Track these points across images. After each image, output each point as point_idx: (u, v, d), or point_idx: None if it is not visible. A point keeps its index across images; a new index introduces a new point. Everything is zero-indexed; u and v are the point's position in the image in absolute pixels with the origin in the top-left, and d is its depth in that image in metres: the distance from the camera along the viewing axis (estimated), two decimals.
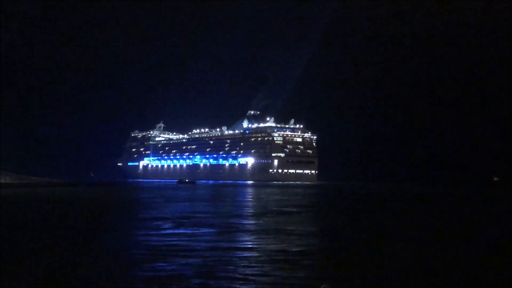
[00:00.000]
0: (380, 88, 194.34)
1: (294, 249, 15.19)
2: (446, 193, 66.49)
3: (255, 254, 14.34)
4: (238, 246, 16.22)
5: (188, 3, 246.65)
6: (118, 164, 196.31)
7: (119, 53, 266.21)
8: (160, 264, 13.09)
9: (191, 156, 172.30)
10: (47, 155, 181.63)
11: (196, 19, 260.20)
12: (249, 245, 16.42)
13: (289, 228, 21.39)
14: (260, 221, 24.22)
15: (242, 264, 13.02)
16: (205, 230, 19.93)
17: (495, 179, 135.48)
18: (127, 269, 12.43)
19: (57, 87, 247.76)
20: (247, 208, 34.54)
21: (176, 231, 20.10)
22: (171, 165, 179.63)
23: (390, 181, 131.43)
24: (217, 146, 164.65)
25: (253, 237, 18.20)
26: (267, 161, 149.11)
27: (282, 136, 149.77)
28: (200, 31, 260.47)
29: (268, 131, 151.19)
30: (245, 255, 14.33)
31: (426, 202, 44.89)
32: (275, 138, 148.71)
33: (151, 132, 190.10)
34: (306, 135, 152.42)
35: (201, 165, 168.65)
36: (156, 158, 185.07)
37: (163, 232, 19.70)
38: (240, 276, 11.59)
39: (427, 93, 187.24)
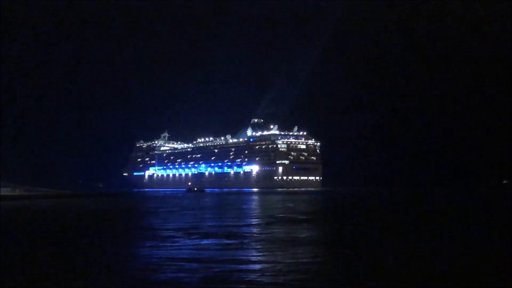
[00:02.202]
0: (385, 94, 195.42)
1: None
2: (454, 196, 67.40)
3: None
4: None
5: (194, 11, 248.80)
6: (124, 174, 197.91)
7: (124, 64, 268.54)
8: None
9: (196, 165, 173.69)
10: (52, 167, 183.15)
11: (200, 29, 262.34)
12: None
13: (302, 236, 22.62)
14: (275, 230, 25.47)
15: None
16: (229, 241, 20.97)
17: (505, 181, 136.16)
18: None
19: (61, 99, 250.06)
20: (259, 216, 35.81)
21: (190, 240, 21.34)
22: (177, 174, 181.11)
23: (396, 186, 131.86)
24: (222, 155, 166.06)
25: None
26: (272, 169, 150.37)
27: (286, 143, 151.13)
28: (204, 41, 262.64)
29: (272, 138, 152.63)
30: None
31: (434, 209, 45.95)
32: (279, 146, 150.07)
33: (156, 142, 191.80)
34: (309, 142, 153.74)
35: (206, 173, 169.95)
36: (162, 167, 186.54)
37: (183, 243, 20.93)
38: None
39: (434, 97, 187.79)
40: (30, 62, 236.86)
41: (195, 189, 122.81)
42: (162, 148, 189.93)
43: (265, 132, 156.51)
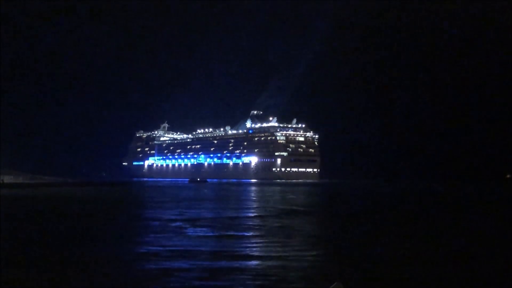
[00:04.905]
0: (383, 86, 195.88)
1: None
2: (451, 190, 68.67)
3: None
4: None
5: (193, 4, 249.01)
6: (124, 163, 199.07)
7: (124, 54, 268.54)
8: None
9: (195, 156, 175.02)
10: (54, 156, 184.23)
11: (199, 20, 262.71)
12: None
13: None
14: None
15: None
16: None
17: (508, 176, 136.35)
18: None
19: (62, 89, 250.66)
20: (265, 208, 37.31)
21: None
22: (176, 165, 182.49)
23: (394, 180, 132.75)
24: (221, 146, 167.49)
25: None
26: (270, 160, 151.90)
27: (285, 135, 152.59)
28: (204, 32, 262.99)
29: (271, 130, 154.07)
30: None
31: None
32: (278, 138, 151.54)
33: (156, 132, 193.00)
34: (308, 134, 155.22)
35: (206, 164, 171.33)
36: (161, 157, 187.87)
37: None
38: None
39: (436, 90, 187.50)
40: (32, 54, 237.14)
41: (198, 179, 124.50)
42: (161, 139, 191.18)
43: (264, 124, 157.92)
